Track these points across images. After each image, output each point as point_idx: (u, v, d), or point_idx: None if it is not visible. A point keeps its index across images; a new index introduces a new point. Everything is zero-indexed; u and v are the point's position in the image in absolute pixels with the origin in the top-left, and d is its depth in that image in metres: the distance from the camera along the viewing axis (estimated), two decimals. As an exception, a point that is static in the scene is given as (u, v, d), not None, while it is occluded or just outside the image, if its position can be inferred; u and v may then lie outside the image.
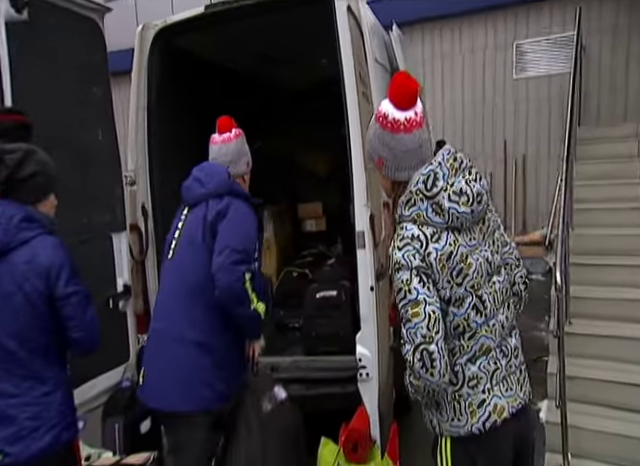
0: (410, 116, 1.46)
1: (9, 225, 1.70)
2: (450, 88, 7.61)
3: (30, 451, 1.67)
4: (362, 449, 2.44)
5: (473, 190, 1.50)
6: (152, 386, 2.10)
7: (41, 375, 1.72)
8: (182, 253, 2.17)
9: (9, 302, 1.68)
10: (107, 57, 3.08)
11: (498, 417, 1.50)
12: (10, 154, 1.73)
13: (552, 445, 2.90)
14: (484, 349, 1.52)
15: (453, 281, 1.47)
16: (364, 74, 2.26)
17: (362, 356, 2.34)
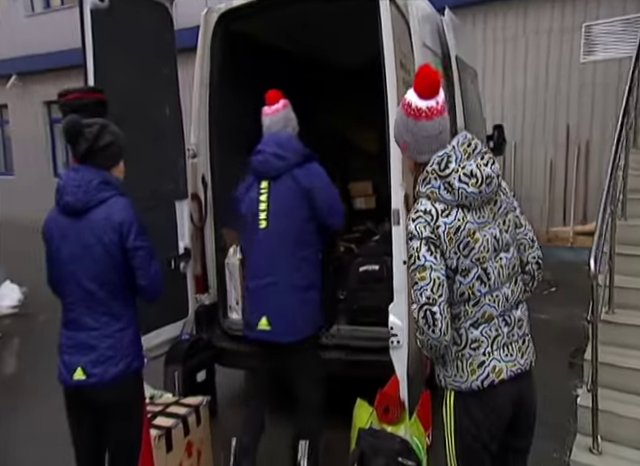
0: (432, 105, 1.62)
1: (89, 187, 1.97)
2: (511, 72, 7.44)
3: (109, 374, 1.97)
4: (393, 412, 2.61)
5: (483, 173, 1.64)
6: (276, 327, 2.54)
7: (116, 313, 2.01)
8: (278, 222, 2.56)
9: (90, 252, 1.96)
10: (175, 39, 3.34)
11: (496, 377, 1.66)
12: (89, 127, 1.99)
13: (583, 428, 2.97)
14: (486, 316, 1.68)
15: (460, 253, 1.64)
16: (406, 61, 2.38)
17: (394, 325, 2.50)
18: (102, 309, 1.99)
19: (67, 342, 2.03)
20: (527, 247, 1.81)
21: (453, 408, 1.73)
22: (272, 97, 2.77)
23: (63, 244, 2.00)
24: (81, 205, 1.97)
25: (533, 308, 5.34)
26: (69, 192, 1.98)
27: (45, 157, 13.18)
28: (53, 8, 12.40)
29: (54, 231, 2.03)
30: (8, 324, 5.73)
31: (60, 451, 3.27)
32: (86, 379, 1.98)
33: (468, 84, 4.21)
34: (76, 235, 1.98)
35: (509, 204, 1.75)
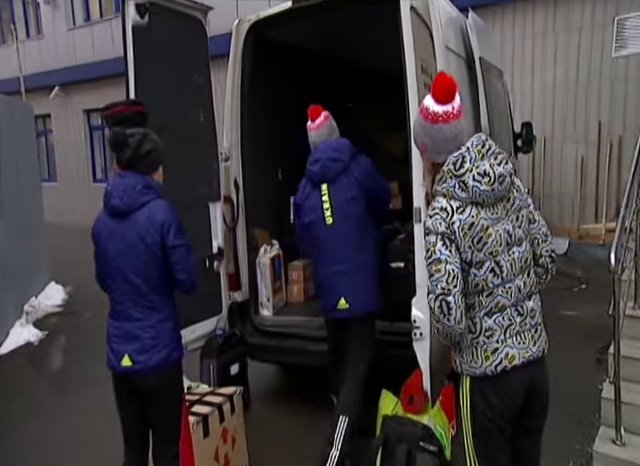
0: (448, 110, 1.74)
1: (133, 191, 2.17)
2: (541, 68, 7.38)
3: (152, 361, 2.16)
4: (417, 402, 2.71)
5: (496, 172, 1.74)
6: (353, 304, 3.00)
7: (157, 306, 2.19)
8: (343, 216, 3.01)
9: (134, 250, 2.16)
10: (208, 50, 3.52)
11: (509, 363, 1.77)
12: (132, 137, 2.18)
13: (607, 420, 3.01)
14: (499, 306, 1.78)
15: (474, 247, 1.74)
16: (427, 66, 2.48)
17: (416, 318, 2.60)
18: (145, 302, 2.18)
19: (115, 332, 2.22)
20: (541, 241, 1.89)
21: (469, 392, 1.84)
22: (314, 112, 3.11)
23: (110, 243, 2.20)
24: (125, 208, 2.17)
25: (563, 305, 5.39)
26: (115, 196, 2.19)
27: (85, 164, 13.73)
28: (93, 21, 12.90)
29: (102, 231, 2.23)
30: (54, 322, 6.06)
31: (105, 439, 3.53)
32: (132, 366, 2.17)
33: (492, 84, 4.26)
34: (121, 235, 2.18)
35: (523, 201, 1.84)
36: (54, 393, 4.33)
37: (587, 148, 7.22)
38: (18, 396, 4.28)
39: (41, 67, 13.05)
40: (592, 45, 7.04)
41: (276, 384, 4.33)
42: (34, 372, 4.80)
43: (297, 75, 4.20)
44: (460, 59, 3.40)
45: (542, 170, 7.59)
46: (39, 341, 5.46)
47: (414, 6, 2.27)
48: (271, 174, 4.24)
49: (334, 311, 3.06)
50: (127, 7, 2.94)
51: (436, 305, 1.72)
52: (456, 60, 3.27)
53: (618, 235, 2.82)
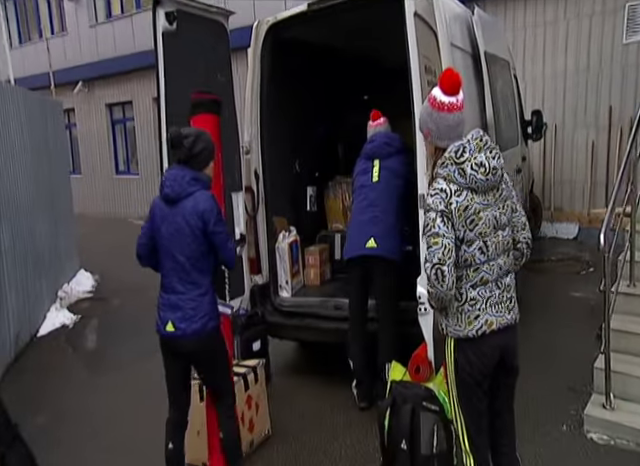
0: (453, 101, 1.98)
1: (182, 182, 2.47)
2: (552, 55, 7.46)
3: (190, 329, 2.49)
4: (423, 371, 2.94)
5: (490, 164, 2.00)
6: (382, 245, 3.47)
7: (198, 282, 2.51)
8: (386, 179, 3.59)
9: (181, 233, 2.47)
10: (230, 50, 3.76)
11: (488, 328, 2.05)
12: (186, 138, 2.48)
13: (599, 387, 3.26)
14: (483, 280, 2.05)
15: (466, 226, 1.99)
16: (430, 65, 2.69)
17: (421, 294, 2.85)
18: (187, 278, 2.51)
19: (163, 301, 2.56)
20: (520, 229, 2.16)
21: (453, 351, 2.12)
22: (375, 115, 3.85)
23: (162, 225, 2.52)
24: (175, 196, 2.49)
25: (571, 287, 5.59)
26: (168, 185, 2.50)
27: (108, 156, 14.15)
28: (114, 17, 13.22)
29: (157, 214, 2.56)
30: (86, 307, 6.44)
31: (135, 414, 3.87)
32: (174, 331, 2.51)
33: (498, 76, 4.44)
34: (172, 219, 2.50)
35: (508, 192, 2.10)
36: (88, 372, 4.69)
37: (598, 134, 7.32)
38: (55, 373, 4.66)
39: (65, 63, 13.43)
40: (603, 32, 7.10)
41: (294, 359, 4.63)
42: (70, 352, 5.18)
43: (313, 72, 4.43)
44: (466, 54, 3.60)
45: (553, 156, 7.71)
46: (73, 324, 5.85)
47: (417, 12, 2.47)
48: (289, 165, 4.50)
49: (362, 249, 3.46)
50: (158, 15, 3.17)
51: (432, 272, 1.97)
52: (462, 55, 3.47)
53: (607, 219, 3.03)
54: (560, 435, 3.15)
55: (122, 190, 13.72)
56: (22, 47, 15.24)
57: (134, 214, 12.99)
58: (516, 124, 5.42)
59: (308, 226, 4.53)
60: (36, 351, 5.15)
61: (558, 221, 7.72)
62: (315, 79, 4.43)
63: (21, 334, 5.12)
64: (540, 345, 4.33)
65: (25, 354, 5.04)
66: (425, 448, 2.59)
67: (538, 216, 7.45)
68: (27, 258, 5.50)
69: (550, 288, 5.70)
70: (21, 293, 5.22)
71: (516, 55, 7.25)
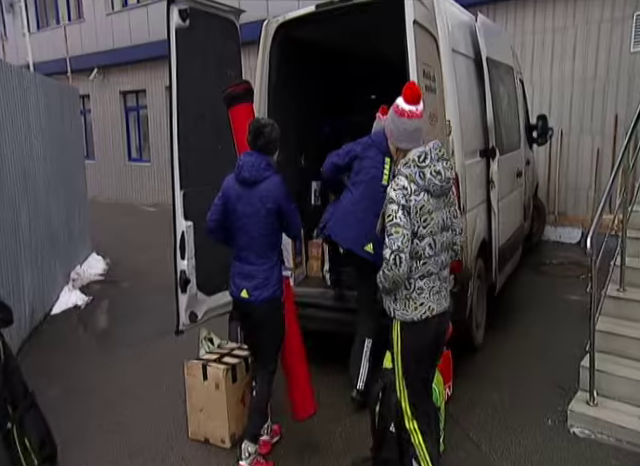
0: (412, 109, 2.31)
1: (259, 168, 2.78)
2: (559, 61, 7.55)
3: (262, 296, 2.83)
4: None
5: (445, 174, 2.31)
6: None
7: (269, 255, 2.86)
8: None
9: (257, 212, 2.79)
10: (240, 47, 3.91)
11: (430, 314, 2.38)
12: (265, 128, 2.83)
13: (584, 385, 3.42)
14: (429, 272, 2.36)
15: (420, 223, 2.28)
16: (429, 70, 2.85)
17: None
18: (261, 252, 2.85)
19: (237, 271, 2.91)
20: (457, 233, 2.48)
21: (400, 331, 2.42)
22: (383, 111, 3.68)
23: (238, 204, 2.83)
24: (252, 179, 2.80)
25: (569, 290, 5.75)
26: (245, 170, 2.80)
27: (121, 143, 14.36)
28: (130, 6, 13.39)
29: (232, 195, 2.86)
30: (98, 289, 6.68)
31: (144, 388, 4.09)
32: (248, 297, 2.86)
33: (500, 81, 4.58)
34: (247, 199, 2.81)
35: (453, 200, 2.44)
36: (98, 349, 4.91)
37: (603, 141, 7.41)
38: (67, 350, 4.89)
39: (81, 50, 13.65)
40: (611, 40, 7.18)
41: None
42: (81, 331, 5.41)
43: (320, 71, 4.60)
44: (468, 59, 3.75)
45: (558, 161, 7.82)
46: (85, 304, 6.08)
47: (417, 20, 2.63)
48: (294, 160, 4.67)
49: (360, 250, 3.42)
50: (172, 12, 3.33)
51: (392, 258, 2.25)
52: (464, 61, 3.63)
53: (595, 224, 3.19)
54: (545, 428, 3.32)
55: (134, 177, 13.95)
56: (39, 33, 15.46)
57: (145, 201, 13.23)
58: (519, 128, 5.55)
59: (312, 219, 4.71)
60: (49, 329, 5.39)
61: (561, 225, 7.84)
62: (322, 77, 4.59)
63: (36, 312, 5.35)
64: (533, 344, 4.51)
65: (39, 331, 5.28)
66: (412, 432, 2.76)
67: (541, 220, 7.55)
68: (43, 240, 5.72)
69: (548, 291, 5.84)
70: (36, 273, 5.44)
71: (524, 60, 7.35)
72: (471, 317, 4.13)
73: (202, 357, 3.40)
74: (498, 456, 3.06)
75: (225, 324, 3.86)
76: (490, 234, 4.33)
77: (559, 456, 3.05)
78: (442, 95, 3.11)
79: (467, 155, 3.82)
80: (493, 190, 4.19)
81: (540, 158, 7.67)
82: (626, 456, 3.01)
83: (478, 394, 3.74)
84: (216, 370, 3.19)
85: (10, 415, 2.79)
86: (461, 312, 3.85)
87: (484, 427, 3.35)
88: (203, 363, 3.25)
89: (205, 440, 3.27)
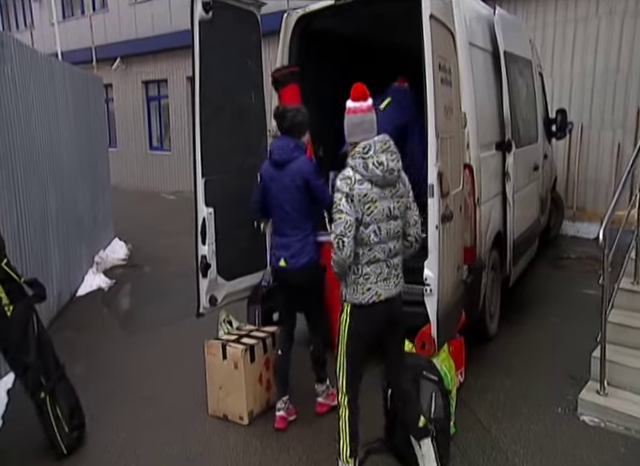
0: (357, 105, 2.47)
1: (287, 149, 3.09)
2: (581, 53, 7.48)
3: (299, 263, 3.13)
4: (429, 347, 3.19)
5: (389, 165, 2.41)
6: None
7: (302, 226, 3.14)
8: None
9: (288, 189, 3.09)
10: (261, 39, 3.99)
11: (377, 298, 2.49)
12: (289, 112, 3.12)
13: (595, 375, 3.48)
14: (375, 259, 2.48)
15: (364, 211, 2.41)
16: (445, 63, 2.90)
17: (427, 276, 3.03)
18: (294, 224, 3.15)
19: (277, 243, 3.22)
20: (411, 224, 2.59)
21: (349, 313, 2.54)
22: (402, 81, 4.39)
23: (272, 184, 3.15)
24: (282, 161, 3.10)
25: (585, 285, 5.79)
26: (276, 153, 3.12)
27: (143, 132, 14.59)
28: (153, -4, 13.55)
29: (267, 177, 3.18)
30: (120, 273, 6.89)
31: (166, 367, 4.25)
32: (286, 266, 3.14)
33: (518, 74, 4.60)
34: (280, 179, 3.11)
35: (405, 192, 2.52)
36: (121, 330, 5.10)
37: (624, 135, 7.34)
38: (92, 330, 5.09)
39: (104, 39, 13.86)
40: (635, 32, 7.08)
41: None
42: (105, 312, 5.61)
43: (339, 62, 4.66)
44: (486, 53, 3.79)
45: (578, 156, 7.77)
46: (108, 287, 6.30)
47: (434, 14, 2.69)
48: (312, 151, 4.74)
49: None
50: (195, 5, 3.42)
51: (335, 241, 2.41)
52: (482, 54, 3.67)
53: (608, 217, 3.23)
54: (554, 416, 3.39)
55: (155, 165, 14.18)
56: (65, 22, 15.71)
57: (166, 189, 13.45)
58: (537, 122, 5.55)
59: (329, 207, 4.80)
60: (75, 309, 5.60)
61: (580, 220, 7.78)
62: (341, 68, 4.65)
63: (63, 293, 5.56)
64: (547, 335, 4.56)
65: (65, 312, 5.49)
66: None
67: (559, 214, 7.52)
68: (69, 224, 5.92)
69: (565, 284, 5.87)
70: (63, 256, 5.65)
71: (544, 53, 7.30)
72: (484, 307, 4.19)
73: (221, 337, 3.54)
74: (508, 440, 3.15)
75: (244, 308, 4.00)
76: (505, 226, 4.38)
77: (568, 442, 3.13)
78: (458, 88, 3.17)
79: (482, 148, 3.87)
80: (508, 183, 4.24)
81: (559, 152, 7.63)
82: (635, 444, 3.07)
83: (490, 381, 3.82)
84: (235, 350, 3.33)
85: (44, 385, 2.98)
86: (474, 302, 3.92)
87: (495, 413, 3.44)
88: (222, 343, 3.39)
89: (224, 416, 3.41)
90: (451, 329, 3.41)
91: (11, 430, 3.36)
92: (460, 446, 3.07)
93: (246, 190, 3.84)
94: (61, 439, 3.03)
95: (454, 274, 3.37)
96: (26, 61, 4.86)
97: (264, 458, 3.04)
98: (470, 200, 3.69)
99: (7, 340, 3.00)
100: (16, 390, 3.59)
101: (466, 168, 3.50)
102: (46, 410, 2.99)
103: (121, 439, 3.26)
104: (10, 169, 4.37)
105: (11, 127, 4.42)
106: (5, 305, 2.94)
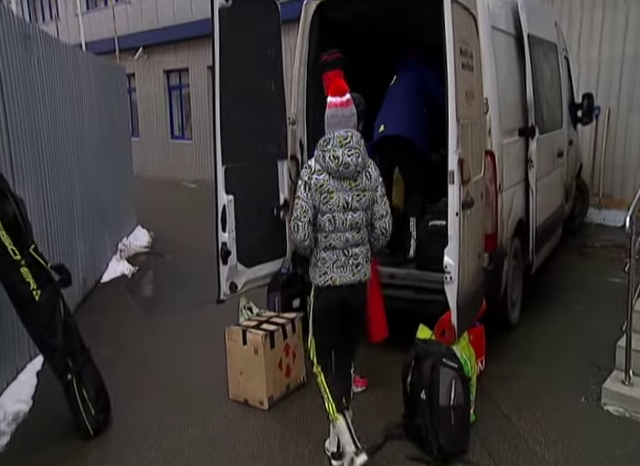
0: (333, 100, 2.62)
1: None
2: (610, 38, 7.27)
3: None
4: (449, 335, 3.19)
5: (344, 160, 2.54)
6: None
7: None
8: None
9: None
10: (280, 27, 3.97)
11: (332, 283, 2.67)
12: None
13: (620, 365, 3.43)
14: (331, 246, 2.64)
15: (320, 200, 2.57)
16: (467, 47, 2.85)
17: (447, 264, 3.04)
18: None
19: None
20: (377, 218, 2.68)
21: (313, 293, 2.76)
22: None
23: None
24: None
25: (611, 273, 5.72)
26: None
27: (164, 121, 14.72)
28: (174, -14, 13.58)
29: None
30: (143, 260, 7.01)
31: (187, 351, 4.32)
32: None
33: (543, 59, 4.50)
34: None
35: (369, 186, 2.62)
36: (145, 315, 5.20)
37: (654, 120, 7.16)
38: (116, 315, 5.20)
39: (126, 29, 13.96)
40: (666, 14, 6.88)
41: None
42: (129, 298, 5.73)
43: (357, 49, 4.60)
44: (509, 37, 3.72)
45: (605, 141, 7.59)
46: (132, 274, 6.41)
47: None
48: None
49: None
50: (215, -8, 3.44)
51: (292, 224, 2.64)
52: (505, 38, 3.60)
53: (635, 203, 3.15)
54: (577, 405, 3.36)
55: (176, 154, 14.31)
56: (89, 13, 15.88)
57: (187, 178, 13.58)
58: (561, 107, 5.43)
59: None
60: (100, 295, 5.72)
61: (606, 208, 7.63)
62: (359, 56, 4.61)
63: (87, 279, 5.69)
64: (570, 324, 4.51)
65: (90, 297, 5.61)
66: (443, 399, 2.87)
67: (584, 201, 7.37)
68: (94, 212, 6.03)
69: (590, 272, 5.79)
70: (88, 243, 5.76)
71: (571, 38, 7.13)
72: (506, 295, 4.16)
73: (242, 324, 3.58)
74: (529, 428, 3.13)
75: (264, 295, 4.02)
76: (527, 214, 4.31)
77: (591, 431, 3.09)
78: (480, 73, 3.11)
79: (505, 134, 3.81)
80: (531, 169, 4.17)
81: (585, 138, 7.47)
82: (661, 435, 3.03)
83: (511, 370, 3.80)
84: (255, 336, 3.37)
85: (70, 367, 3.07)
86: (495, 290, 3.89)
87: (515, 401, 3.42)
88: (243, 329, 3.43)
89: (244, 401, 3.47)
90: (471, 317, 3.40)
91: (40, 411, 3.46)
92: (480, 434, 3.07)
93: (267, 178, 3.89)
94: (87, 420, 3.12)
95: (475, 262, 3.35)
96: (52, 52, 4.94)
97: (284, 442, 3.08)
98: (492, 187, 3.65)
99: (36, 324, 3.09)
100: (45, 372, 3.68)
101: (487, 155, 3.46)
102: (73, 392, 3.08)
103: (145, 421, 3.33)
104: (37, 158, 4.46)
105: (37, 116, 4.51)
106: (33, 290, 3.03)
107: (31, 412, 3.45)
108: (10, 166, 3.87)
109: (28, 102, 4.31)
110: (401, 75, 4.27)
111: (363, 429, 3.14)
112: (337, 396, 2.76)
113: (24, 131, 4.18)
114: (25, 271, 3.01)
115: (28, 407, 3.48)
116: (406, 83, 4.18)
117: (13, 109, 3.98)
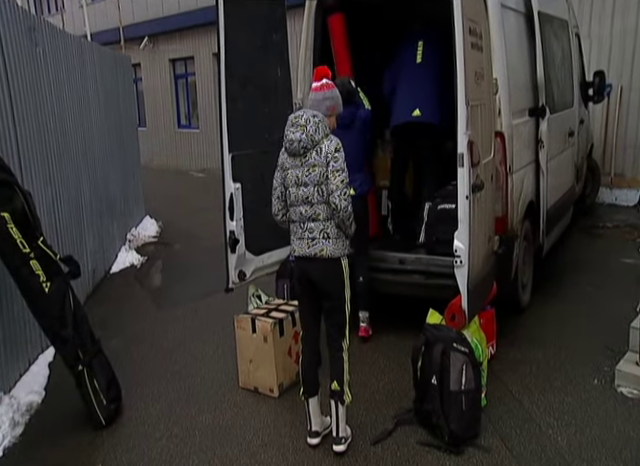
0: (315, 84, 2.80)
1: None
2: (622, 12, 7.10)
3: (362, 190, 3.72)
4: (459, 319, 3.16)
5: (290, 137, 2.69)
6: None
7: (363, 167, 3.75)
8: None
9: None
10: (285, 12, 3.92)
11: (295, 253, 2.85)
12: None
13: (634, 346, 3.38)
14: (292, 220, 2.82)
15: (284, 177, 2.78)
16: (476, 27, 2.78)
17: (457, 248, 3.01)
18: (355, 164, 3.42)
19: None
20: (329, 193, 2.70)
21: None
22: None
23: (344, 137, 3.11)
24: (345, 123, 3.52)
25: (624, 254, 5.65)
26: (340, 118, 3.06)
27: (171, 111, 14.67)
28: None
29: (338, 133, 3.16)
30: (152, 249, 7.03)
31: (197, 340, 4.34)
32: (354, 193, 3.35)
33: (553, 37, 4.39)
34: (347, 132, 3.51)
35: (319, 162, 2.68)
36: (154, 305, 5.22)
37: (667, 97, 7.01)
38: (125, 305, 5.23)
39: (131, 19, 13.88)
40: (681, -13, 6.69)
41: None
42: (138, 288, 5.75)
43: (364, 34, 4.54)
44: (519, 14, 3.62)
45: (617, 120, 7.45)
46: (140, 264, 6.43)
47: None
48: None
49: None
50: (219, -20, 3.38)
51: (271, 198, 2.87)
52: (514, 16, 3.50)
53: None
54: (590, 387, 3.32)
55: (183, 143, 14.29)
56: (93, 4, 15.79)
57: (194, 167, 13.57)
58: (572, 85, 5.31)
59: None
60: (109, 285, 5.76)
61: (618, 187, 7.52)
62: (366, 40, 4.54)
63: (97, 270, 5.72)
64: (583, 306, 4.46)
65: (100, 288, 5.65)
66: (454, 384, 2.85)
67: (596, 181, 7.25)
68: (102, 203, 6.05)
69: (601, 253, 5.71)
70: (97, 234, 5.78)
71: (582, 13, 6.96)
72: (516, 278, 4.11)
73: (251, 312, 3.58)
74: (541, 412, 3.11)
75: (272, 282, 4.03)
76: (538, 196, 4.24)
77: (605, 414, 3.06)
78: (489, 53, 3.04)
79: (515, 114, 3.73)
80: (542, 150, 4.09)
81: (596, 117, 7.33)
82: (675, 417, 2.99)
83: (522, 353, 3.76)
84: (264, 324, 3.36)
85: (81, 358, 3.09)
86: (506, 273, 3.84)
87: (527, 385, 3.39)
88: (252, 317, 3.43)
89: (255, 389, 3.47)
90: (482, 301, 3.36)
91: (53, 401, 3.49)
92: (492, 418, 3.05)
93: (272, 165, 3.86)
94: (99, 410, 3.14)
95: (485, 245, 3.31)
96: (57, 43, 4.92)
97: (294, 429, 3.08)
98: (502, 169, 3.58)
99: (47, 315, 3.11)
100: (57, 363, 3.72)
101: (497, 136, 3.38)
102: (84, 383, 3.10)
103: (156, 410, 3.35)
104: (44, 150, 4.46)
105: (44, 108, 4.50)
106: (43, 282, 3.04)
107: (44, 403, 3.48)
108: (18, 159, 3.87)
109: (34, 95, 4.30)
110: (427, 53, 4.15)
111: (373, 415, 3.16)
112: (304, 377, 2.91)
113: (31, 124, 4.17)
114: (34, 263, 3.02)
115: (41, 398, 3.52)
116: (434, 66, 4.07)
117: (20, 102, 3.97)
